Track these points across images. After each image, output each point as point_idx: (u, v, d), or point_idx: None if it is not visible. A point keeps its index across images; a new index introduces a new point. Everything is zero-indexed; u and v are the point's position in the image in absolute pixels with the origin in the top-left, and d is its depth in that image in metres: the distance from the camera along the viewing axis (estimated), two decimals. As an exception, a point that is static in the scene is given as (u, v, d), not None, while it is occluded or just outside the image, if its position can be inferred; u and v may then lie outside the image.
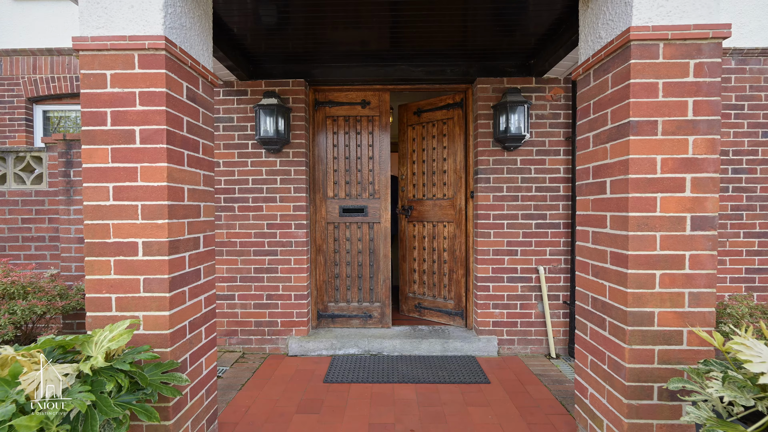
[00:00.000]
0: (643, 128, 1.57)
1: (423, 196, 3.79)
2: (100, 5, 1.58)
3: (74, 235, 3.02)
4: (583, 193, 1.93)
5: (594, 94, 1.82)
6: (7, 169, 3.19)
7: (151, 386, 1.38)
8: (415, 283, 3.88)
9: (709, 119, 1.56)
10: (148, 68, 1.58)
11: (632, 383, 1.60)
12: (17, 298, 2.45)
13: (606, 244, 1.74)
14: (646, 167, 1.58)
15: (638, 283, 1.59)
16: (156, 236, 1.60)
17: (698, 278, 1.58)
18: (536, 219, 3.25)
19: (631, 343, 1.59)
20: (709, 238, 1.57)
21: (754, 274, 3.27)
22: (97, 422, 1.13)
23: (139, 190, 1.60)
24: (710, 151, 1.56)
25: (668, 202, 1.57)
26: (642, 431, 1.61)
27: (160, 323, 1.61)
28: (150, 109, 1.59)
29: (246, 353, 3.29)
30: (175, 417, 1.64)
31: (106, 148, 1.59)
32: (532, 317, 3.28)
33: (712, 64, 1.55)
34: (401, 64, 3.24)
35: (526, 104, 3.06)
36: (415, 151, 3.87)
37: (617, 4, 1.64)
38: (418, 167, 3.83)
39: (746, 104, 3.23)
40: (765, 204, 3.24)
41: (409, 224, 3.91)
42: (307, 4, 2.33)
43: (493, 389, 2.65)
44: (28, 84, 4.85)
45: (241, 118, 3.29)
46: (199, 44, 1.86)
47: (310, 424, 2.23)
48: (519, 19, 2.54)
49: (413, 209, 3.84)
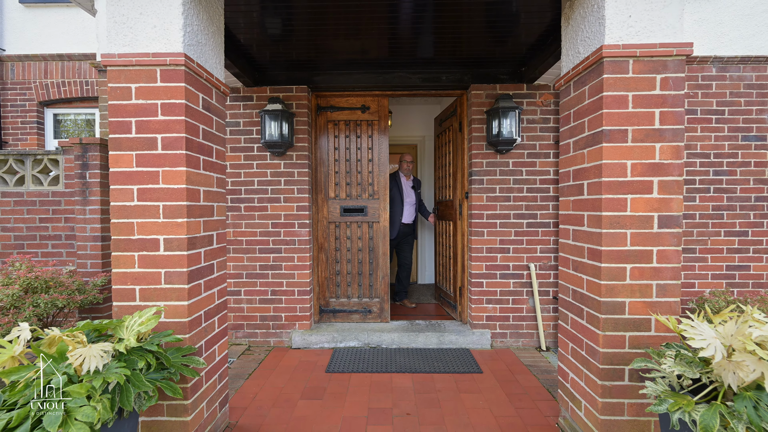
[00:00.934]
0: (615, 136, 1.74)
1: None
2: (126, 25, 1.75)
3: (90, 234, 3.19)
4: (565, 194, 2.10)
5: (574, 103, 2.00)
6: (26, 171, 3.36)
7: (173, 367, 1.55)
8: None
9: (674, 128, 1.73)
10: (169, 82, 1.76)
11: (606, 366, 1.77)
12: (40, 292, 2.62)
13: (584, 240, 1.91)
14: (617, 171, 1.75)
15: (611, 275, 1.76)
16: (176, 233, 1.77)
17: (665, 271, 1.75)
18: (527, 218, 3.42)
19: (604, 329, 1.77)
20: (674, 235, 1.74)
21: (734, 270, 3.44)
22: (132, 394, 1.30)
23: (160, 192, 1.77)
24: (675, 156, 1.73)
25: (637, 203, 1.75)
26: (615, 410, 1.78)
27: (179, 312, 1.78)
28: (171, 118, 1.76)
29: (252, 346, 3.47)
30: (192, 397, 1.81)
31: (131, 154, 1.77)
32: (524, 312, 3.45)
33: (677, 79, 1.73)
34: (399, 71, 3.41)
35: (518, 109, 3.23)
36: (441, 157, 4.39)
37: (592, 24, 1.81)
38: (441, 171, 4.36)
39: (726, 109, 3.40)
40: (744, 204, 3.41)
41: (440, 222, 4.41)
42: (309, 16, 2.50)
43: (485, 378, 2.82)
44: (40, 88, 5.03)
45: (247, 123, 3.46)
46: (212, 58, 2.04)
47: (314, 408, 2.40)
48: (511, 30, 2.70)
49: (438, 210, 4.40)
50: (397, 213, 4.20)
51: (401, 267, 4.45)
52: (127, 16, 1.75)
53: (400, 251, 4.44)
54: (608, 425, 1.79)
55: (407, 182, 4.34)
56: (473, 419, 2.27)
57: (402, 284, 4.44)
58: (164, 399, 1.77)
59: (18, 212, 3.37)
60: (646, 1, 1.71)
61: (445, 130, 4.16)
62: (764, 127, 3.38)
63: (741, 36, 3.37)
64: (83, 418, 1.09)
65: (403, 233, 4.32)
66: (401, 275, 4.44)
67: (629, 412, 1.78)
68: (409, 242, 4.46)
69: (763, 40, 3.36)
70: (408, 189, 4.32)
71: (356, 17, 2.54)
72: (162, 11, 1.74)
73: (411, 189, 4.35)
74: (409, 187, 4.35)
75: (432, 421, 2.25)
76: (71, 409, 1.11)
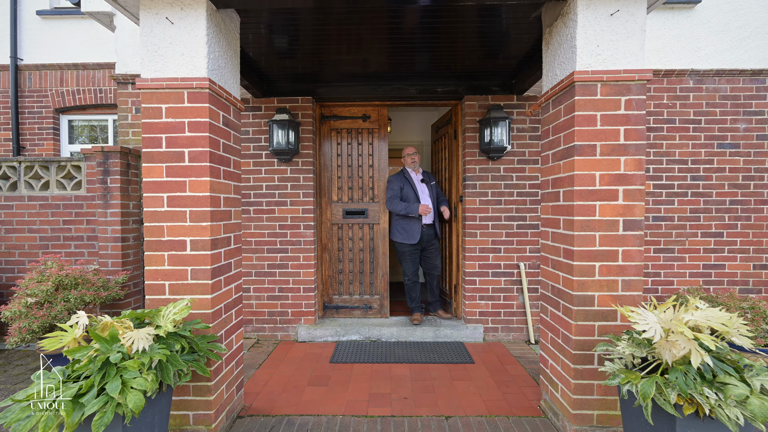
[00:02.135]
0: (585, 150, 1.99)
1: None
2: (158, 53, 2.00)
3: (110, 235, 3.44)
4: (545, 200, 2.35)
5: (552, 120, 2.24)
6: (50, 176, 3.61)
7: (201, 351, 1.80)
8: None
9: (637, 143, 1.98)
10: (195, 103, 2.00)
11: (578, 352, 2.02)
12: (70, 288, 2.87)
13: (560, 241, 2.16)
14: (588, 181, 2.00)
15: (582, 272, 2.01)
16: (200, 235, 2.02)
17: (629, 268, 2.00)
18: (517, 221, 3.67)
19: (576, 320, 2.01)
20: (637, 237, 1.99)
21: (710, 269, 3.68)
22: (171, 371, 1.55)
23: (187, 199, 2.02)
24: (637, 168, 1.98)
25: (605, 209, 1.99)
26: (586, 390, 2.03)
27: (203, 304, 2.03)
28: (196, 135, 2.01)
29: (260, 340, 3.72)
30: (215, 379, 2.06)
31: (161, 166, 2.02)
32: (514, 308, 3.70)
33: (639, 100, 1.97)
34: (397, 83, 3.66)
35: (508, 119, 3.48)
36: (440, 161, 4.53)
37: (567, 51, 2.06)
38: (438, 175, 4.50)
39: (703, 119, 3.65)
40: (720, 207, 3.66)
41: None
42: (314, 35, 2.75)
43: (476, 368, 3.07)
44: (56, 96, 5.28)
45: (255, 131, 3.71)
46: (230, 79, 2.29)
47: (320, 393, 2.65)
48: (502, 45, 2.93)
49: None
50: (416, 212, 3.69)
51: (430, 275, 3.95)
52: (158, 45, 2.00)
53: (426, 257, 3.89)
54: (580, 404, 2.04)
55: (417, 176, 3.88)
56: (464, 402, 2.52)
57: (434, 293, 3.99)
58: (191, 381, 2.02)
59: (43, 215, 3.62)
60: (612, 33, 1.96)
61: (441, 137, 4.41)
62: (738, 136, 3.63)
63: (716, 51, 3.62)
64: (138, 386, 1.34)
65: (426, 236, 3.80)
66: (431, 284, 3.98)
67: (598, 392, 2.02)
68: (435, 246, 3.91)
69: (736, 55, 3.61)
70: (419, 183, 3.85)
71: (357, 37, 2.78)
72: (189, 41, 1.99)
73: (422, 183, 3.87)
74: (419, 181, 3.87)
75: (426, 404, 2.49)
76: (127, 380, 1.36)
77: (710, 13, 3.62)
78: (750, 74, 3.61)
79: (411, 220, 3.75)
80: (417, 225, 3.74)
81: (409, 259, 3.83)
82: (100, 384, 1.33)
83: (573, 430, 2.04)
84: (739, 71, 3.60)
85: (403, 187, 3.78)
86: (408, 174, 3.87)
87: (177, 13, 1.99)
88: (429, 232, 3.83)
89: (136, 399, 1.31)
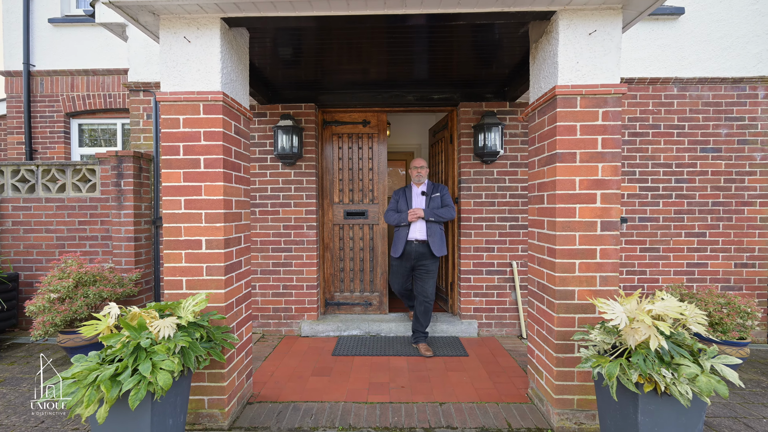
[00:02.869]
0: (566, 157, 2.18)
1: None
2: (176, 69, 2.19)
3: (124, 235, 3.63)
4: (532, 202, 2.54)
5: (537, 128, 2.43)
6: (66, 179, 3.81)
7: (217, 340, 1.99)
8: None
9: (613, 151, 2.17)
10: (209, 114, 2.19)
11: (560, 342, 2.21)
12: (89, 285, 3.07)
13: (544, 241, 2.34)
14: (568, 185, 2.19)
15: (563, 269, 2.20)
16: (215, 235, 2.21)
17: (606, 266, 2.18)
18: (510, 221, 3.86)
19: (558, 312, 2.20)
20: (613, 237, 2.18)
21: (693, 267, 3.87)
22: (192, 356, 1.74)
23: (202, 202, 2.21)
24: (614, 174, 2.17)
25: (584, 211, 2.18)
26: (567, 377, 2.22)
27: (217, 298, 2.22)
28: (211, 143, 2.20)
29: (266, 334, 3.91)
30: (228, 367, 2.25)
31: (179, 172, 2.21)
32: (507, 304, 3.89)
33: (615, 112, 2.16)
34: (395, 90, 3.85)
35: (501, 125, 3.67)
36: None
37: (550, 66, 2.25)
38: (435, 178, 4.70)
39: (686, 125, 3.84)
40: (703, 208, 3.85)
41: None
42: (317, 47, 2.93)
43: (470, 360, 3.26)
44: (66, 101, 5.47)
45: (261, 136, 3.90)
46: (240, 90, 2.48)
47: (323, 382, 2.84)
48: (495, 56, 3.10)
49: None
50: (403, 227, 3.41)
51: (419, 302, 3.41)
52: (176, 62, 2.19)
53: (416, 277, 3.44)
54: (562, 389, 2.22)
55: (417, 189, 3.54)
56: (457, 391, 2.71)
57: (419, 322, 3.44)
58: (206, 368, 2.21)
59: (59, 216, 3.81)
60: (590, 51, 2.14)
61: (438, 141, 4.60)
62: (720, 141, 3.82)
63: (699, 59, 3.81)
64: (166, 367, 1.52)
65: (416, 253, 3.36)
66: (417, 310, 3.42)
67: (578, 379, 2.21)
68: (427, 268, 3.37)
69: (718, 63, 3.79)
70: (417, 196, 3.50)
71: (357, 49, 2.97)
72: (204, 58, 2.18)
73: (421, 196, 3.49)
74: (419, 193, 3.51)
75: (422, 392, 2.68)
76: (156, 362, 1.54)
77: (693, 24, 3.80)
78: (731, 82, 3.80)
79: (399, 232, 3.46)
80: (402, 239, 3.41)
81: (395, 272, 3.56)
82: (133, 365, 1.52)
83: (556, 414, 2.23)
84: (721, 79, 3.79)
85: (399, 200, 3.54)
86: (409, 189, 3.58)
87: (193, 32, 2.18)
88: (420, 249, 3.37)
89: (165, 378, 1.50)
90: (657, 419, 1.54)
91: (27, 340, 3.69)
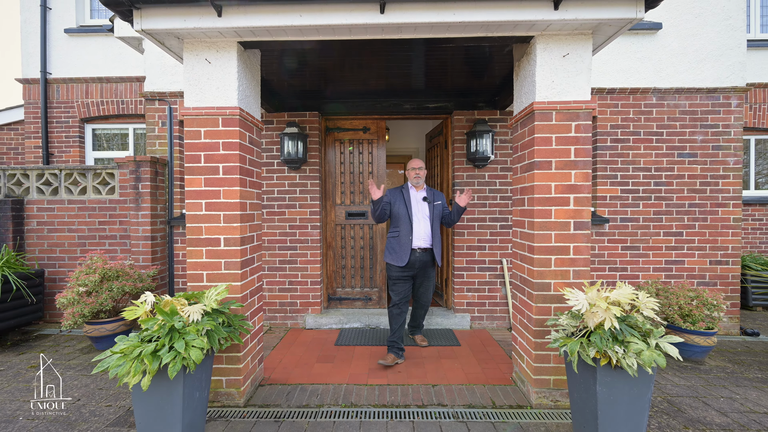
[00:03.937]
0: (543, 165, 2.46)
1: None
2: (197, 87, 2.47)
3: (142, 234, 3.92)
4: (515, 204, 2.82)
5: (520, 138, 2.72)
6: (87, 182, 4.09)
7: (235, 325, 2.27)
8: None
9: (584, 160, 2.45)
10: (227, 126, 2.48)
11: (537, 328, 2.49)
12: (112, 279, 3.35)
13: (525, 239, 2.63)
14: (545, 190, 2.47)
15: (541, 264, 2.48)
16: (232, 234, 2.50)
17: (578, 261, 2.47)
18: (500, 221, 4.14)
19: (536, 302, 2.48)
20: (585, 235, 2.46)
21: (671, 265, 4.15)
22: (216, 338, 2.02)
23: (221, 205, 2.49)
24: (585, 180, 2.45)
25: (559, 212, 2.46)
26: (544, 359, 2.50)
27: (234, 290, 2.50)
28: (228, 152, 2.48)
29: (272, 327, 4.19)
30: (243, 351, 2.54)
31: (200, 178, 2.49)
32: (497, 299, 4.17)
33: (586, 125, 2.44)
34: (394, 99, 4.13)
35: (491, 132, 3.95)
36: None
37: (529, 83, 2.53)
38: (431, 181, 4.96)
39: (665, 131, 4.12)
40: (680, 210, 4.13)
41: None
42: (320, 62, 3.21)
43: (461, 349, 3.54)
44: (81, 107, 5.76)
45: (268, 142, 4.19)
46: (253, 104, 2.76)
47: (327, 368, 3.12)
48: (486, 68, 3.36)
49: None
50: (404, 234, 3.19)
51: (419, 306, 3.54)
52: (198, 80, 2.48)
53: (417, 288, 3.40)
54: (540, 371, 2.51)
55: (417, 193, 3.33)
56: (449, 375, 2.99)
57: (416, 320, 3.66)
58: (224, 352, 2.49)
59: (81, 216, 4.09)
60: (565, 71, 2.43)
61: (434, 146, 4.88)
62: (696, 146, 4.10)
63: (676, 71, 4.09)
64: (197, 345, 1.81)
65: (420, 262, 3.24)
66: (417, 313, 3.61)
67: (554, 361, 2.49)
68: (429, 275, 3.36)
69: (694, 75, 4.08)
70: (418, 201, 3.30)
71: (358, 65, 3.26)
72: (223, 77, 2.47)
73: (423, 201, 3.30)
74: (420, 198, 3.31)
75: (417, 376, 2.97)
76: (188, 342, 1.82)
77: (670, 38, 4.09)
78: (706, 92, 4.08)
79: (400, 239, 3.21)
80: (407, 245, 3.18)
81: (398, 284, 3.24)
82: (168, 344, 1.80)
83: (534, 392, 2.51)
84: (696, 89, 4.07)
85: (395, 203, 3.26)
86: (407, 190, 3.34)
87: (213, 54, 2.46)
88: (424, 257, 3.25)
89: (196, 353, 1.79)
90: (612, 389, 1.82)
91: (53, 331, 3.97)
